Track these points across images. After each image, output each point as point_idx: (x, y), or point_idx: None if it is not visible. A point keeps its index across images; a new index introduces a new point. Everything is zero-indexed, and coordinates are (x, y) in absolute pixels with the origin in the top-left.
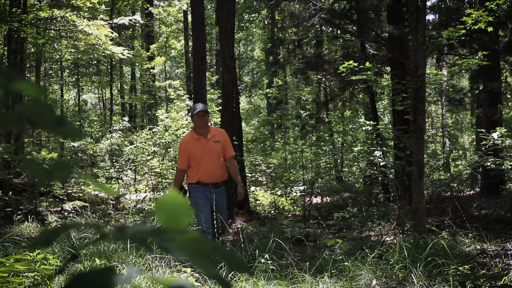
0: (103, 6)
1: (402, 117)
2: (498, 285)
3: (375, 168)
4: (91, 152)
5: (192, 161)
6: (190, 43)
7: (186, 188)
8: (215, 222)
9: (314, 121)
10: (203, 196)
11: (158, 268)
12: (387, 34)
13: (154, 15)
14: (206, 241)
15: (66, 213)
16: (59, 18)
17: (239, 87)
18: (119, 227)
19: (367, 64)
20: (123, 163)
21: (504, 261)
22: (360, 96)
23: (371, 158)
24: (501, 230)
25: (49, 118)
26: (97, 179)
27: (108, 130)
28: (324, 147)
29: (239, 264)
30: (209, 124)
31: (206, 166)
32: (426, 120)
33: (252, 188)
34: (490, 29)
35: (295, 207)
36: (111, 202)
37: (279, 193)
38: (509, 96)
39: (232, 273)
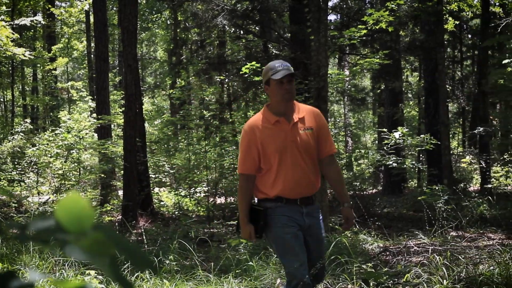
0: (4, 7)
1: None
2: (401, 282)
3: None
4: None
5: (267, 161)
6: (93, 44)
7: (259, 208)
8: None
9: (217, 121)
10: (293, 222)
11: (62, 271)
12: (289, 35)
13: (55, 15)
14: (108, 241)
15: None
16: None
17: (142, 88)
18: (21, 225)
19: None
20: (26, 165)
21: (406, 258)
22: (263, 96)
23: None
24: (403, 228)
25: None
26: None
27: (9, 132)
28: (227, 148)
29: (142, 261)
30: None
31: (291, 170)
32: (329, 119)
33: (156, 189)
34: (391, 29)
35: (199, 208)
36: (13, 204)
37: (183, 193)
38: (410, 95)
39: (135, 275)
